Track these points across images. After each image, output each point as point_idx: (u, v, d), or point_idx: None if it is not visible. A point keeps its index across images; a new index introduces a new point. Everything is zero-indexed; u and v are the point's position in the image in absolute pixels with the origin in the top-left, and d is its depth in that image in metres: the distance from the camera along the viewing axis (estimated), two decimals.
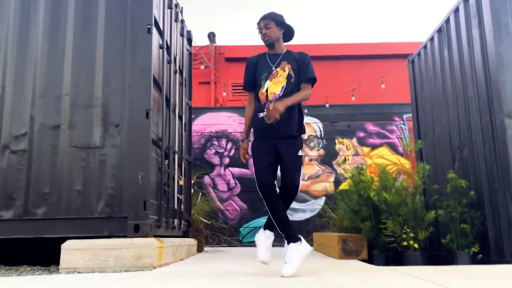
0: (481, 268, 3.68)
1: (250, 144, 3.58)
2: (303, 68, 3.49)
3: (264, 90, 3.47)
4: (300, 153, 3.40)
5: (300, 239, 3.21)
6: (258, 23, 3.57)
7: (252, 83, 3.59)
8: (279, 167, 3.41)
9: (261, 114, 3.45)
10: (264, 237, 3.44)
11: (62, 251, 3.73)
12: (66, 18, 4.43)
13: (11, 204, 4.14)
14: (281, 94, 3.41)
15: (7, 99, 4.33)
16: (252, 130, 3.62)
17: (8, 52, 4.41)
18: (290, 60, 3.51)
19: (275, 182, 3.33)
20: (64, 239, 3.84)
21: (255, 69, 3.59)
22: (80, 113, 4.24)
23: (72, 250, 3.72)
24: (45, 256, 4.30)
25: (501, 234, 4.26)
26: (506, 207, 4.20)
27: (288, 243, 3.21)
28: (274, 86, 3.45)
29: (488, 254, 4.44)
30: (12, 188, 4.16)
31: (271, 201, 3.26)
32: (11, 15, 4.48)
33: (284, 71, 3.47)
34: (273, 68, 3.51)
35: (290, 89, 3.43)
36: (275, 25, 3.53)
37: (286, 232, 3.24)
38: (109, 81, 4.29)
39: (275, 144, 3.36)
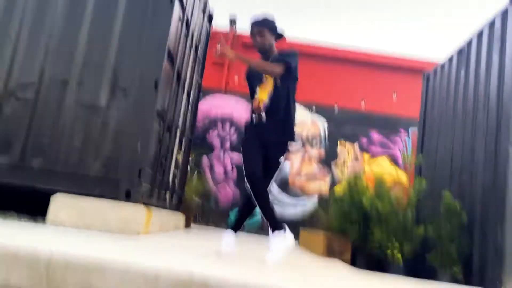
0: None
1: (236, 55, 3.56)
2: (284, 56, 3.50)
3: (256, 96, 3.56)
4: (281, 159, 3.48)
5: (284, 228, 3.26)
6: (252, 29, 3.57)
7: (253, 91, 3.68)
8: None
9: (253, 119, 3.54)
10: (234, 237, 3.47)
11: (51, 203, 3.75)
12: None
13: (8, 150, 4.14)
14: (268, 100, 3.48)
15: (21, 47, 4.32)
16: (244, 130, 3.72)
17: (28, 1, 4.39)
18: (277, 63, 3.50)
19: (262, 176, 3.37)
20: (54, 192, 3.86)
21: (250, 78, 3.69)
22: (90, 72, 4.23)
23: (62, 204, 3.75)
24: (33, 206, 4.32)
25: (485, 260, 4.27)
26: (495, 235, 4.21)
27: (273, 231, 3.26)
28: (262, 93, 3.52)
29: (469, 277, 4.46)
30: (12, 134, 4.17)
31: (260, 190, 3.31)
32: None
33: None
34: (263, 75, 3.55)
35: (276, 93, 3.47)
36: (268, 32, 3.55)
37: (271, 220, 3.29)
38: (124, 46, 4.27)
39: (266, 145, 3.44)
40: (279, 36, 3.63)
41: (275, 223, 3.27)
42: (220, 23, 11.81)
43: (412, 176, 6.10)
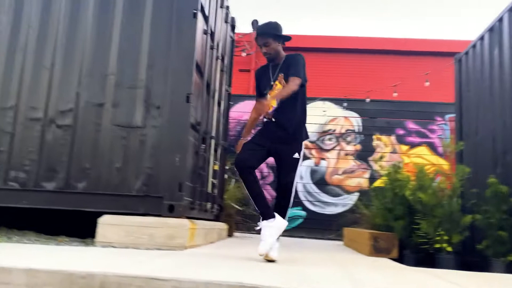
0: None
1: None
2: (291, 65, 3.55)
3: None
4: (296, 155, 3.51)
5: (274, 216, 3.33)
6: (256, 40, 3.65)
7: (260, 94, 3.74)
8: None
9: (265, 120, 3.66)
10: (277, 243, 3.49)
11: (98, 225, 3.87)
12: (115, 2, 4.52)
13: (54, 177, 4.31)
14: (277, 105, 3.56)
15: (56, 76, 4.49)
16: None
17: (59, 31, 4.56)
18: (285, 69, 3.59)
19: (254, 166, 3.47)
20: (100, 214, 3.98)
21: (259, 82, 3.77)
22: (124, 93, 4.35)
23: (108, 225, 3.86)
24: (82, 228, 4.47)
25: None
26: None
27: (262, 219, 3.35)
28: (272, 99, 3.58)
29: None
30: (55, 161, 4.33)
31: (247, 179, 3.40)
32: None
33: (280, 83, 3.60)
34: (272, 82, 3.63)
35: (285, 99, 3.50)
36: (272, 41, 3.59)
37: (261, 209, 3.37)
38: (153, 63, 4.37)
39: (276, 146, 3.52)
40: (286, 39, 3.67)
41: (264, 212, 3.35)
42: (243, 26, 11.84)
43: (454, 163, 5.94)
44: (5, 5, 4.65)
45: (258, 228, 3.37)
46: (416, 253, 4.76)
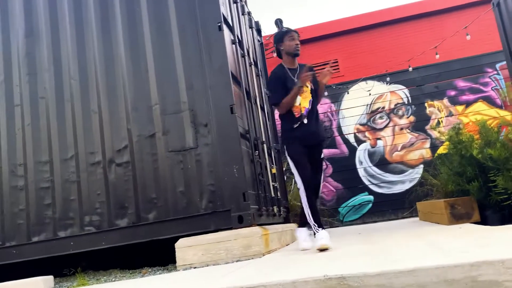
0: None
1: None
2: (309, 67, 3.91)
3: (297, 104, 3.85)
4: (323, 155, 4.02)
5: (307, 227, 3.82)
6: (297, 35, 4.01)
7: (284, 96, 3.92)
8: None
9: (296, 125, 3.84)
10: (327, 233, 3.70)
11: (176, 249, 3.97)
12: (143, 34, 4.67)
13: (125, 213, 4.48)
14: (309, 107, 3.87)
15: (105, 118, 4.69)
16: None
17: (98, 75, 4.76)
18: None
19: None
20: (176, 238, 4.09)
21: (284, 83, 3.91)
22: (171, 119, 4.46)
23: (185, 248, 3.95)
24: (162, 256, 4.61)
25: None
26: None
27: (298, 226, 3.93)
28: (304, 101, 3.87)
29: None
30: (123, 198, 4.51)
31: (309, 193, 3.73)
32: (95, 40, 4.82)
33: (307, 86, 3.88)
34: (299, 85, 3.84)
35: (314, 100, 3.94)
36: None
37: (310, 220, 3.69)
38: (192, 84, 4.46)
39: (312, 146, 3.88)
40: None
41: (304, 222, 3.79)
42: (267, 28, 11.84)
43: None
44: (45, 62, 4.92)
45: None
46: (499, 212, 4.53)
